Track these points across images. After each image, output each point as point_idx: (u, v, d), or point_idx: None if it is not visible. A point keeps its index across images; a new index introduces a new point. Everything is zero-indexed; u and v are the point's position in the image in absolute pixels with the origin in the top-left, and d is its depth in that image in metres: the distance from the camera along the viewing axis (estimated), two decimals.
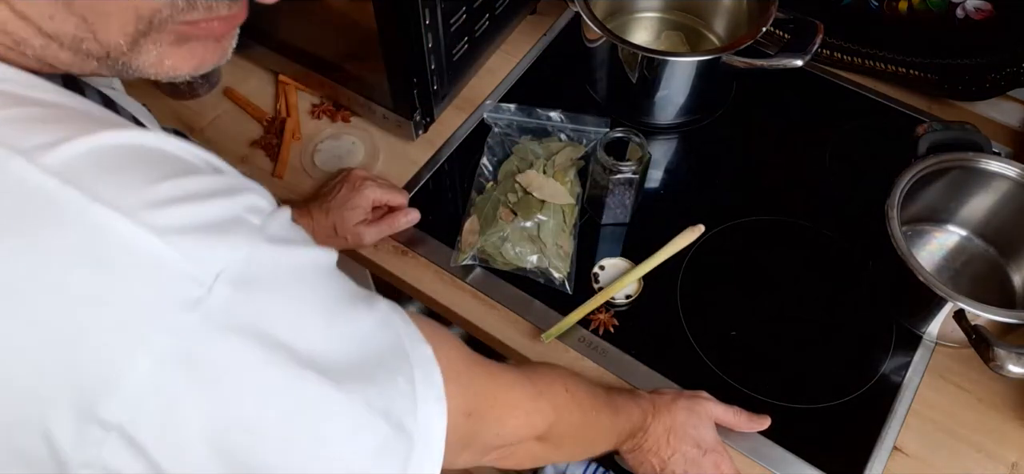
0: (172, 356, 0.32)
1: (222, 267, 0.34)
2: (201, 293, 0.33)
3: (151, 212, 0.33)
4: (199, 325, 0.33)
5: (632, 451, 0.69)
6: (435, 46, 0.87)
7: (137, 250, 0.32)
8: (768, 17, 0.90)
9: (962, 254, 0.84)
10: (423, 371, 0.44)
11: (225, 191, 0.36)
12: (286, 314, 0.36)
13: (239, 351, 0.34)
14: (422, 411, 0.42)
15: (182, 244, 0.33)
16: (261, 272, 0.35)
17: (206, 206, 0.35)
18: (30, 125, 0.34)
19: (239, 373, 0.34)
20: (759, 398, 0.75)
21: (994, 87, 0.92)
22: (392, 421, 0.40)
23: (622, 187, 0.83)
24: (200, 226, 0.34)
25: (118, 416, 0.32)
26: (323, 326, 0.38)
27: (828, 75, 1.03)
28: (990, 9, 0.90)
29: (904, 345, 0.78)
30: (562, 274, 0.81)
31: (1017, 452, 0.72)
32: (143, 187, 0.34)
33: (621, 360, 0.77)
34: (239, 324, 0.34)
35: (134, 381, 0.32)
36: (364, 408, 0.39)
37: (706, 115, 0.98)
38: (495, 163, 0.90)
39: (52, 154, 0.33)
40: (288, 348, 0.36)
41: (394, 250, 0.86)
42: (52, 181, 0.32)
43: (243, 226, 0.36)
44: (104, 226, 0.32)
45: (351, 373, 0.39)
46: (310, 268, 0.39)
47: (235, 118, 0.99)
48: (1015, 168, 0.79)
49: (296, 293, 0.38)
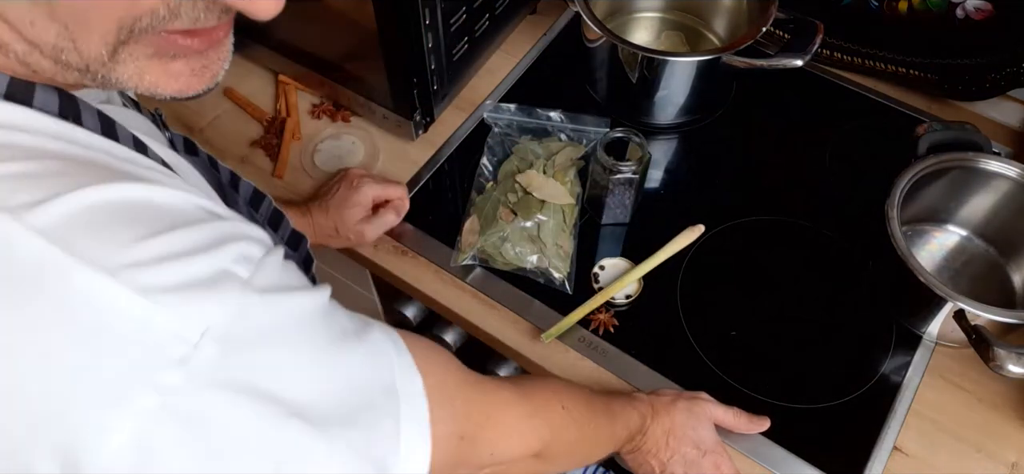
0: (157, 415, 0.32)
1: (208, 324, 0.34)
2: (187, 351, 0.33)
3: (137, 272, 0.33)
4: (185, 383, 0.33)
5: (632, 453, 0.69)
6: (435, 46, 0.87)
7: (121, 311, 0.32)
8: (768, 17, 0.90)
9: (962, 254, 0.84)
10: (409, 407, 0.44)
11: (214, 243, 0.36)
12: (273, 366, 0.36)
13: (224, 407, 0.34)
14: (404, 451, 0.43)
15: (168, 302, 0.33)
16: (249, 326, 0.36)
17: (193, 262, 0.35)
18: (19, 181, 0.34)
19: (224, 428, 0.34)
20: (759, 398, 0.75)
21: (994, 87, 0.92)
22: (375, 462, 0.40)
23: (622, 187, 0.83)
24: (187, 284, 0.34)
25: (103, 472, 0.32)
26: (310, 374, 0.38)
27: (828, 75, 1.03)
28: (990, 9, 0.90)
29: (904, 345, 0.78)
30: (562, 274, 0.81)
31: (1017, 452, 0.72)
32: (129, 246, 0.34)
33: (621, 360, 0.77)
34: (225, 380, 0.34)
35: (119, 441, 0.32)
36: (348, 453, 0.39)
37: (706, 115, 0.98)
38: (495, 163, 0.90)
39: (39, 213, 0.33)
40: (274, 400, 0.36)
41: (394, 250, 0.86)
42: (37, 241, 0.32)
43: (231, 280, 0.36)
44: (88, 288, 0.32)
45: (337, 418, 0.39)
46: (299, 316, 0.39)
47: (235, 118, 0.99)
48: (1015, 168, 0.79)
49: (284, 343, 0.38)
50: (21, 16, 0.34)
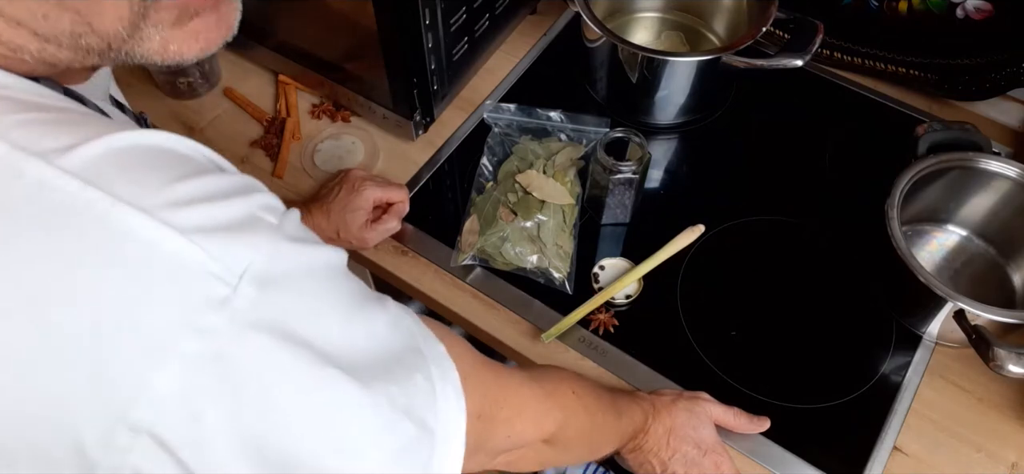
0: (200, 357, 0.32)
1: (246, 266, 0.33)
2: (227, 292, 0.33)
3: (174, 212, 0.33)
4: (226, 325, 0.32)
5: (632, 452, 0.69)
6: (435, 46, 0.87)
7: (163, 250, 0.32)
8: (768, 17, 0.90)
9: (962, 254, 0.84)
10: (439, 367, 0.44)
11: (241, 190, 0.36)
12: (308, 313, 0.36)
13: (267, 350, 0.34)
14: (442, 407, 0.42)
15: (206, 243, 0.33)
16: (282, 271, 0.35)
17: (225, 206, 0.35)
18: (44, 127, 0.34)
19: (267, 372, 0.34)
20: (759, 398, 0.75)
21: (994, 87, 0.92)
22: (414, 418, 0.40)
23: (622, 187, 0.83)
24: (222, 226, 0.34)
25: (147, 420, 0.31)
26: (342, 325, 0.38)
27: (828, 75, 1.03)
28: (990, 9, 0.90)
29: (904, 345, 0.78)
30: (562, 274, 0.81)
31: (1017, 452, 0.72)
32: (163, 187, 0.33)
33: (621, 360, 0.77)
34: (265, 323, 0.34)
35: (163, 384, 0.31)
36: (388, 406, 0.39)
37: (706, 115, 0.98)
38: (495, 163, 0.90)
39: (70, 156, 0.32)
40: (313, 347, 0.36)
41: (394, 250, 0.86)
42: (73, 183, 0.32)
43: (262, 225, 0.36)
44: (128, 227, 0.32)
45: (373, 371, 0.39)
46: (326, 268, 0.39)
47: (235, 118, 0.99)
48: (1015, 168, 0.79)
49: (316, 292, 0.37)
50: (32, 13, 0.34)
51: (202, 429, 0.32)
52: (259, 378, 0.34)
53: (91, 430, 0.31)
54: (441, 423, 0.42)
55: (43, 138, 0.33)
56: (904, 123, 0.97)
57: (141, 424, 0.31)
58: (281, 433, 0.35)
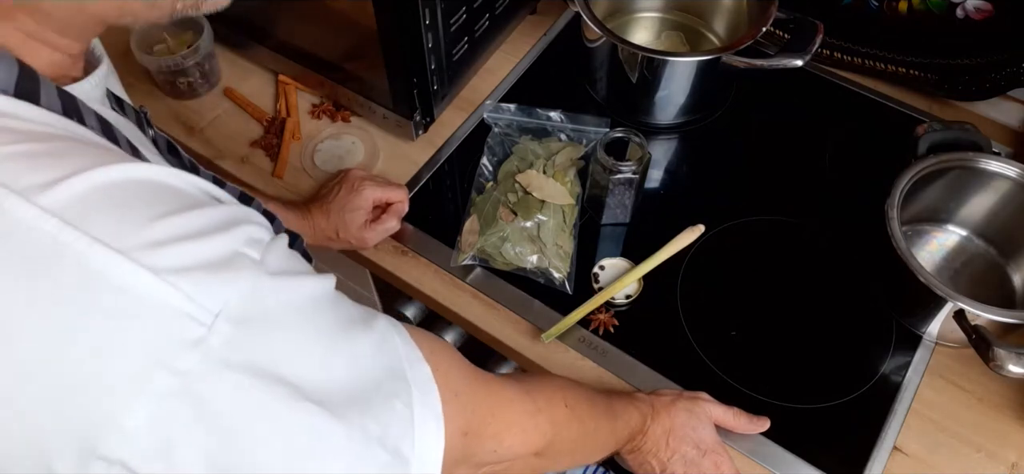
0: (173, 395, 0.32)
1: (222, 305, 0.34)
2: (202, 332, 0.33)
3: (150, 253, 0.33)
4: (200, 364, 0.33)
5: (632, 453, 0.69)
6: (435, 46, 0.87)
7: (137, 292, 0.32)
8: (768, 17, 0.90)
9: (962, 254, 0.84)
10: (421, 392, 0.44)
11: (224, 225, 0.37)
12: (286, 348, 0.37)
13: (240, 388, 0.34)
14: (419, 434, 0.43)
15: (182, 284, 0.33)
16: (261, 308, 0.36)
17: (205, 243, 0.35)
18: (28, 162, 0.34)
19: (240, 410, 0.34)
20: (759, 398, 0.75)
21: (994, 87, 0.92)
22: (388, 447, 0.40)
23: (622, 187, 0.83)
24: (200, 264, 0.34)
25: (120, 453, 0.32)
26: (322, 357, 0.39)
27: (828, 75, 1.03)
28: (990, 9, 0.90)
29: (904, 345, 0.78)
30: (562, 274, 0.81)
31: (1017, 452, 0.72)
32: (142, 226, 0.34)
33: (621, 360, 0.77)
34: (240, 361, 0.34)
35: (136, 421, 0.32)
36: (362, 437, 0.39)
37: (706, 115, 0.98)
38: (495, 163, 0.90)
39: (51, 193, 0.33)
40: (288, 382, 0.36)
41: (394, 250, 0.86)
42: (51, 222, 0.32)
43: (243, 261, 0.36)
44: (104, 268, 0.32)
45: (349, 402, 0.39)
46: (309, 299, 0.39)
47: (235, 118, 0.99)
48: (1015, 168, 0.79)
49: (296, 326, 0.38)
50: None
51: (174, 463, 0.33)
52: (231, 415, 0.34)
53: (63, 463, 0.32)
54: (417, 452, 0.42)
55: (26, 173, 0.33)
56: (904, 123, 0.97)
57: (113, 456, 0.32)
58: (253, 466, 0.35)
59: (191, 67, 0.96)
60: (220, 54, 1.02)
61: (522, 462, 0.57)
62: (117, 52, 1.04)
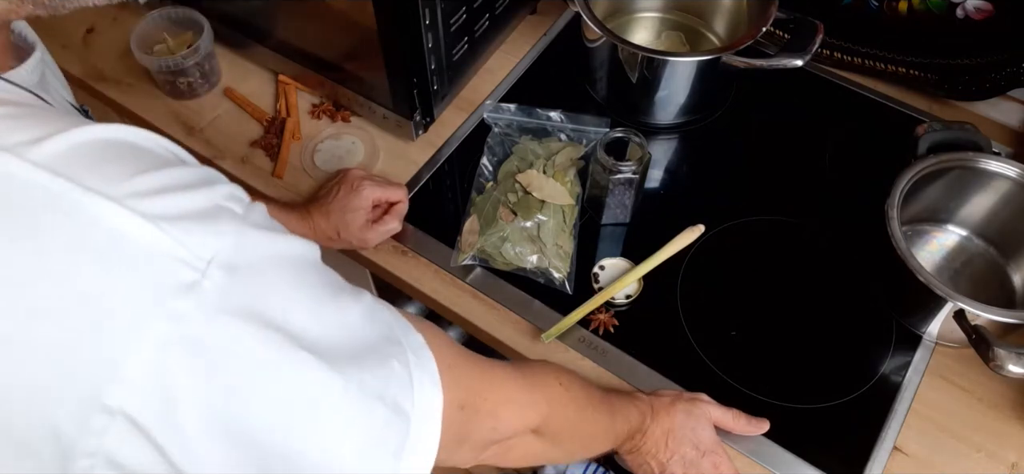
0: (172, 340, 0.33)
1: (214, 252, 0.34)
2: (196, 277, 0.33)
3: (140, 200, 0.34)
4: (196, 309, 0.33)
5: (631, 453, 0.69)
6: (435, 46, 0.87)
7: (132, 237, 0.33)
8: (768, 17, 0.90)
9: (962, 254, 0.84)
10: (416, 355, 0.44)
11: (205, 181, 0.37)
12: (278, 299, 0.37)
13: (237, 333, 0.34)
14: (418, 392, 0.43)
15: (173, 231, 0.33)
16: (250, 258, 0.36)
17: (190, 195, 0.36)
18: (8, 122, 0.35)
19: (238, 355, 0.35)
20: (759, 398, 0.75)
21: (994, 87, 0.92)
22: (388, 402, 0.40)
23: (622, 187, 0.83)
24: (187, 214, 0.35)
25: (121, 402, 0.32)
26: (312, 312, 0.39)
27: (828, 75, 1.03)
28: (990, 9, 0.90)
29: (904, 345, 0.78)
30: (562, 274, 0.81)
31: (1017, 452, 0.72)
32: (128, 178, 0.34)
33: (621, 360, 0.77)
34: (235, 307, 0.35)
35: (136, 367, 0.32)
36: (359, 390, 0.39)
37: (706, 115, 0.98)
38: (495, 163, 0.90)
39: (38, 149, 0.33)
40: (283, 331, 0.36)
41: (394, 250, 0.86)
42: (43, 174, 0.33)
43: (227, 214, 0.37)
44: (98, 215, 0.33)
45: (345, 356, 0.39)
46: (295, 258, 0.40)
47: (235, 118, 0.99)
48: (1015, 168, 0.79)
49: (284, 279, 0.38)
50: None
51: (175, 411, 0.33)
52: (230, 361, 0.34)
53: (66, 414, 0.32)
54: (417, 408, 0.42)
55: (10, 133, 0.34)
56: (904, 123, 0.97)
57: (115, 406, 0.32)
58: (252, 415, 0.35)
59: (191, 67, 0.96)
60: (220, 54, 1.02)
61: (521, 441, 0.57)
62: (117, 52, 1.04)
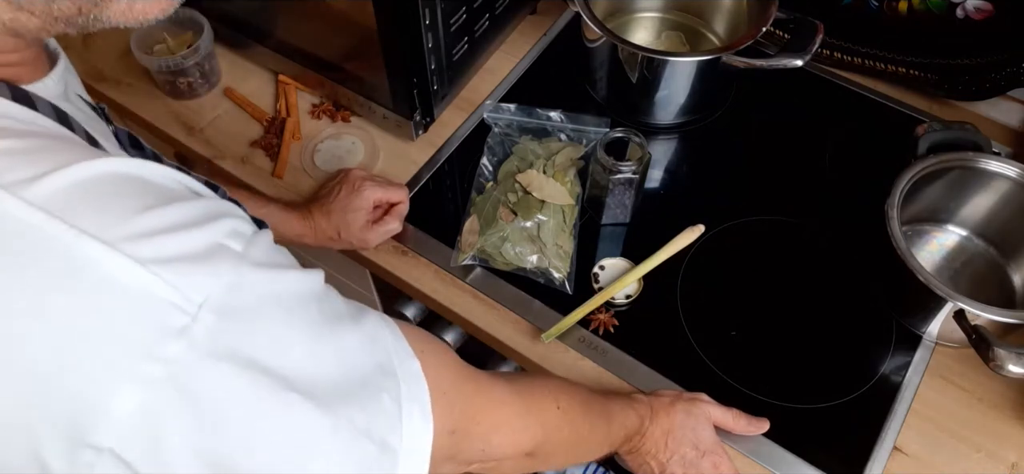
0: (160, 383, 0.33)
1: (206, 295, 0.34)
2: (186, 322, 0.33)
3: (135, 244, 0.33)
4: (186, 353, 0.33)
5: (631, 454, 0.69)
6: (435, 46, 0.87)
7: (123, 282, 0.33)
8: (768, 17, 0.90)
9: (962, 254, 0.84)
10: (409, 387, 0.44)
11: (206, 218, 0.37)
12: (270, 339, 0.37)
13: (226, 377, 0.35)
14: (407, 427, 0.43)
15: (166, 274, 0.33)
16: (245, 299, 0.36)
17: (188, 235, 0.35)
18: (11, 159, 0.35)
19: (226, 399, 0.35)
20: (759, 398, 0.75)
21: (994, 87, 0.92)
22: (376, 440, 0.40)
23: (622, 187, 0.83)
24: (183, 256, 0.35)
25: (109, 441, 0.32)
26: (307, 349, 0.39)
27: (828, 75, 1.03)
28: (990, 9, 0.90)
29: (904, 345, 0.78)
30: (562, 274, 0.81)
31: (1017, 452, 0.72)
32: (126, 219, 0.34)
33: (621, 360, 0.77)
34: (225, 351, 0.35)
35: (123, 408, 0.32)
36: (348, 429, 0.39)
37: (706, 115, 0.98)
38: (495, 163, 0.90)
39: (36, 187, 0.33)
40: (273, 373, 0.36)
41: (394, 250, 0.86)
42: (38, 215, 0.33)
43: (225, 253, 0.36)
44: (90, 259, 0.33)
45: (335, 394, 0.39)
46: (293, 292, 0.39)
47: (235, 118, 0.99)
48: (1015, 168, 0.79)
49: (280, 318, 0.38)
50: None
51: (162, 450, 0.33)
52: (218, 404, 0.34)
53: (54, 450, 0.32)
54: (405, 444, 0.42)
55: (9, 169, 0.34)
56: (904, 123, 0.97)
57: (103, 445, 0.32)
58: (240, 457, 0.35)
59: (191, 67, 0.96)
60: (220, 54, 1.02)
61: (512, 462, 0.57)
62: (117, 52, 1.04)
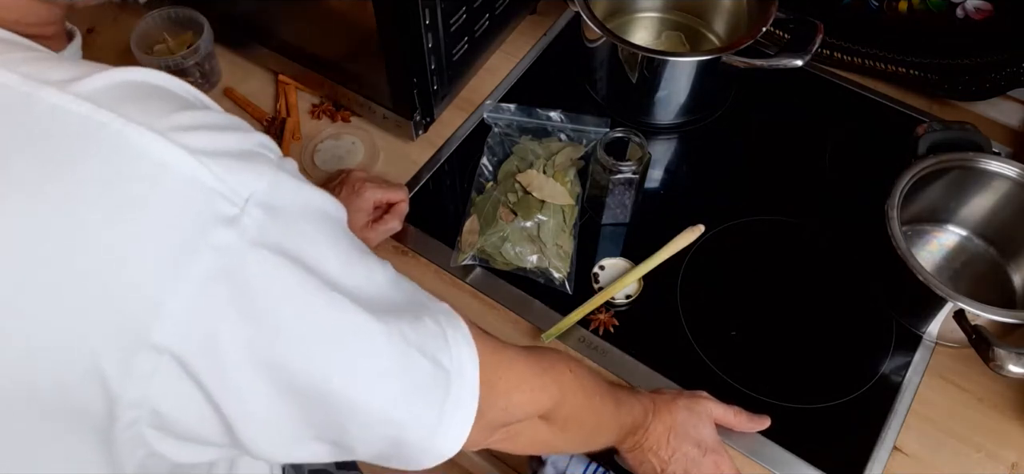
0: (213, 273, 0.33)
1: (251, 191, 0.35)
2: (236, 212, 0.34)
3: (181, 134, 0.34)
4: (236, 242, 0.34)
5: (632, 450, 0.69)
6: (435, 46, 0.87)
7: (174, 167, 0.33)
8: (768, 17, 0.90)
9: (962, 254, 0.84)
10: (448, 318, 0.45)
11: (239, 127, 0.38)
12: (312, 245, 0.37)
13: (277, 268, 0.35)
14: (454, 351, 0.43)
15: (214, 166, 0.34)
16: (285, 201, 0.37)
17: (227, 136, 0.36)
18: (51, 63, 0.36)
19: (277, 291, 0.35)
20: (759, 398, 0.75)
21: (994, 87, 0.92)
22: (429, 356, 0.41)
23: (622, 187, 0.83)
24: (226, 152, 0.35)
25: (168, 339, 0.33)
26: (344, 265, 0.39)
27: (828, 75, 1.03)
28: (990, 9, 0.90)
29: (904, 345, 0.78)
30: (562, 274, 0.81)
31: (1017, 452, 0.72)
32: (168, 114, 0.35)
33: (621, 360, 0.77)
34: (273, 244, 0.35)
35: (180, 300, 0.33)
36: (401, 339, 0.39)
37: (706, 115, 0.98)
38: (495, 163, 0.90)
39: (81, 84, 0.34)
40: (320, 273, 0.37)
41: (394, 250, 0.86)
42: (86, 105, 0.34)
43: (263, 159, 0.37)
44: (142, 145, 0.33)
45: (383, 306, 0.39)
46: (326, 212, 0.40)
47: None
48: (1015, 168, 0.79)
49: (317, 228, 0.39)
50: None
51: (217, 348, 0.34)
52: (268, 295, 0.35)
53: (112, 356, 0.32)
54: (455, 364, 0.42)
55: (52, 71, 0.35)
56: (904, 123, 0.97)
57: (163, 344, 0.33)
58: (293, 350, 0.36)
59: (191, 67, 0.96)
60: (220, 54, 1.02)
61: (530, 426, 0.56)
62: (117, 52, 1.04)
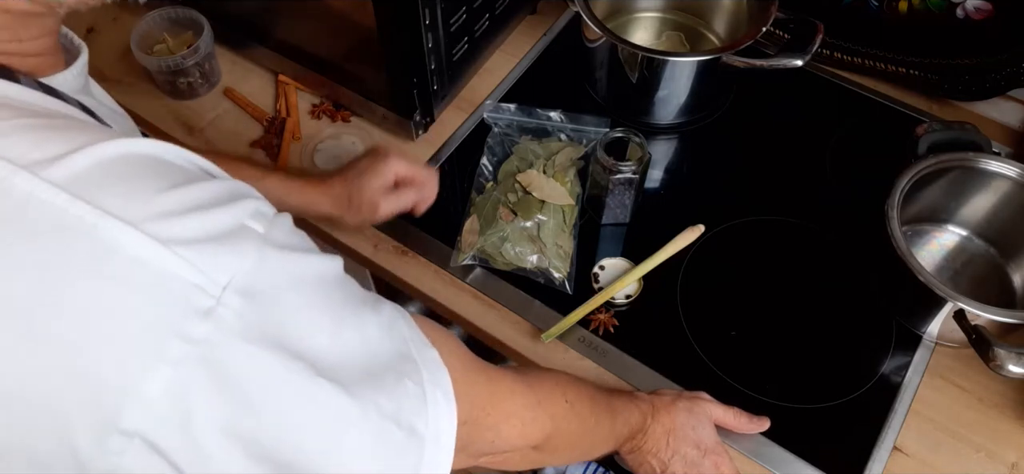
0: (188, 362, 0.33)
1: (230, 277, 0.34)
2: (211, 303, 0.33)
3: (158, 224, 0.33)
4: (212, 333, 0.33)
5: (632, 452, 0.69)
6: (435, 46, 0.87)
7: (148, 262, 0.33)
8: (768, 17, 0.90)
9: (962, 254, 0.84)
10: (430, 373, 0.44)
11: (227, 199, 0.37)
12: (295, 322, 0.37)
13: (252, 358, 0.34)
14: (432, 413, 0.43)
15: (189, 255, 0.33)
16: (268, 281, 0.36)
17: (210, 216, 0.35)
18: (31, 136, 0.34)
19: (254, 378, 0.35)
20: (759, 398, 0.75)
21: (994, 87, 0.92)
22: (403, 425, 0.40)
23: (622, 187, 0.83)
24: (206, 236, 0.34)
25: (139, 425, 0.32)
26: (330, 333, 0.39)
27: (828, 75, 1.03)
28: (990, 9, 0.90)
29: (904, 345, 0.78)
30: (562, 274, 0.81)
31: (1017, 452, 0.72)
32: (148, 199, 0.34)
33: (621, 360, 0.77)
34: (251, 333, 0.34)
35: (153, 390, 0.32)
36: (376, 415, 0.39)
37: (706, 115, 0.98)
38: (495, 163, 0.90)
39: (58, 167, 0.33)
40: (299, 356, 0.36)
41: (394, 250, 0.86)
42: (61, 196, 0.32)
43: (248, 234, 0.36)
44: (114, 241, 0.32)
45: (361, 379, 0.39)
46: (315, 276, 0.39)
47: (235, 118, 0.99)
48: (1015, 168, 0.79)
49: (304, 301, 0.38)
50: None
51: (193, 431, 0.33)
52: (245, 384, 0.34)
53: (84, 435, 0.32)
54: (431, 429, 0.42)
55: (32, 149, 0.34)
56: (904, 123, 0.97)
57: (132, 429, 0.32)
58: (269, 437, 0.35)
59: (191, 67, 0.96)
60: (220, 54, 1.02)
61: (519, 454, 0.57)
62: (117, 52, 1.04)
